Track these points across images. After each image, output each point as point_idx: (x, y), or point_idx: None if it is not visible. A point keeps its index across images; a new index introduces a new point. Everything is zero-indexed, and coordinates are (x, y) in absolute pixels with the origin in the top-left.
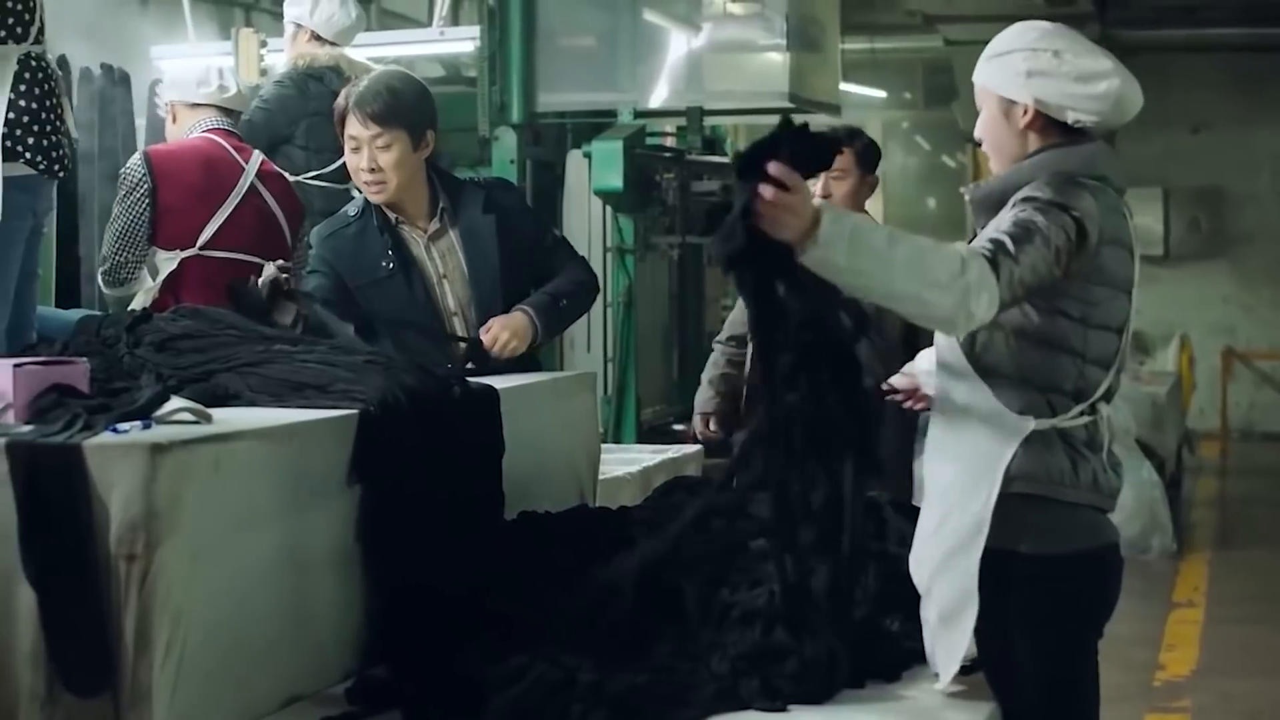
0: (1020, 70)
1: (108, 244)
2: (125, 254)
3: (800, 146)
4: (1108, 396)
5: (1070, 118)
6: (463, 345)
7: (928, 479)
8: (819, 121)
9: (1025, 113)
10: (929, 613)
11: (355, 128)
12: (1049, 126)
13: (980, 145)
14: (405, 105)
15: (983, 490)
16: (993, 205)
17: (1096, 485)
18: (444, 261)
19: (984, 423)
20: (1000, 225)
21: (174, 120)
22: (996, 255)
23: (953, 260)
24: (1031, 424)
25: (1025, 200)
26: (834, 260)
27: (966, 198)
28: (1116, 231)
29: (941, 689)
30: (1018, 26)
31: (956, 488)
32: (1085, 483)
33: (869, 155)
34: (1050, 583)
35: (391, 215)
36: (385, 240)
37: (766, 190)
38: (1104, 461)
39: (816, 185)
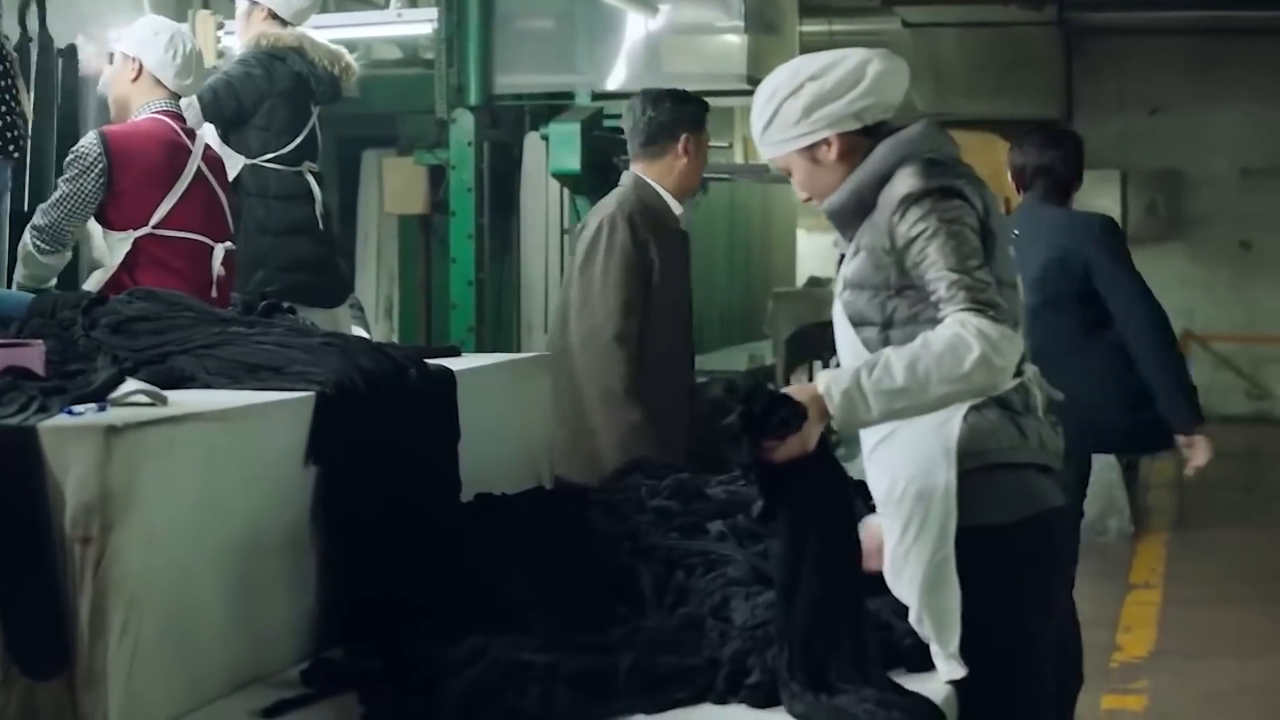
0: (797, 114)
1: (49, 212)
2: (66, 223)
3: (768, 405)
4: (1024, 357)
5: (867, 119)
6: None
7: (876, 488)
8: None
9: (829, 145)
10: (916, 616)
11: None
12: (854, 140)
13: (813, 203)
14: None
15: (939, 479)
16: (853, 212)
17: (1044, 444)
18: None
19: (919, 418)
20: (927, 256)
21: (135, 78)
22: (975, 301)
23: (961, 345)
24: (968, 401)
25: (909, 203)
26: (865, 420)
27: (824, 212)
28: (980, 192)
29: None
30: (759, 91)
31: (913, 488)
32: (1034, 443)
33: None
34: (997, 554)
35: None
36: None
37: (771, 453)
38: (1042, 421)
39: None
